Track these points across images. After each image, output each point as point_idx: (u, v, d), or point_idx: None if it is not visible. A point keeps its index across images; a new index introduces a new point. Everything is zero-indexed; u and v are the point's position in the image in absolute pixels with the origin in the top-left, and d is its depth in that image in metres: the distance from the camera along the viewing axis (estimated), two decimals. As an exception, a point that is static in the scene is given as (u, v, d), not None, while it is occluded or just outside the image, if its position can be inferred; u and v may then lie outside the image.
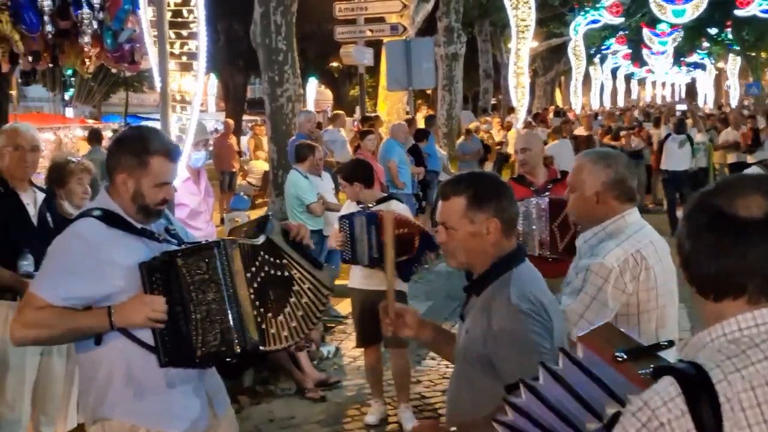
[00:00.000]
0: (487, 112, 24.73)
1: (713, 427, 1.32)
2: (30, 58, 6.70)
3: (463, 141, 15.49)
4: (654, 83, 67.66)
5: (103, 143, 12.28)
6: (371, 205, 5.37)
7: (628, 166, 3.19)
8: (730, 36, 38.33)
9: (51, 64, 7.00)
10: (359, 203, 5.46)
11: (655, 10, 29.27)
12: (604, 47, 41.26)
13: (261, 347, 2.73)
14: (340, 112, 15.59)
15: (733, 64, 44.18)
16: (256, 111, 31.16)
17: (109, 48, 6.72)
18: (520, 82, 18.12)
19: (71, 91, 27.49)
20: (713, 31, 38.99)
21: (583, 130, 16.75)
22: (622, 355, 1.59)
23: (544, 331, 2.29)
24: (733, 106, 36.55)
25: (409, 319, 2.63)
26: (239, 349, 2.67)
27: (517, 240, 2.59)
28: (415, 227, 5.16)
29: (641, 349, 1.64)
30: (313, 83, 35.54)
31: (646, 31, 39.21)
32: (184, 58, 5.50)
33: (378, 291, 5.28)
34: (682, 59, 51.44)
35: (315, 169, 7.51)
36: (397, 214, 5.25)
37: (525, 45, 18.20)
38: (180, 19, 5.43)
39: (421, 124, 14.36)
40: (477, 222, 2.40)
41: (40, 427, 4.52)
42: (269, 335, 2.75)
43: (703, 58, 50.95)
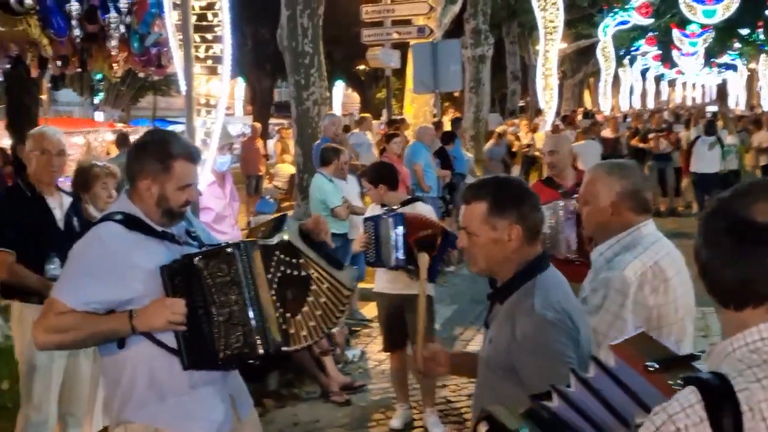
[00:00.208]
0: (515, 115, 24.61)
1: None
2: (59, 63, 6.78)
3: (492, 145, 15.36)
4: (684, 84, 66.88)
5: (132, 147, 12.36)
6: (396, 207, 5.35)
7: (642, 176, 3.11)
8: (762, 36, 37.80)
9: (79, 69, 7.08)
10: (383, 206, 5.45)
11: (685, 11, 28.98)
12: (633, 48, 40.87)
13: (284, 348, 2.72)
14: (367, 115, 15.59)
15: (765, 65, 43.50)
16: (283, 114, 31.29)
17: (136, 52, 6.78)
18: (548, 84, 18.00)
19: (101, 95, 27.83)
20: (744, 31, 38.43)
21: (609, 133, 16.58)
22: (654, 365, 1.56)
23: (569, 341, 2.25)
24: (765, 108, 36.01)
25: (440, 358, 2.68)
26: (262, 351, 2.66)
27: (543, 245, 2.54)
28: (437, 227, 5.14)
29: (675, 360, 1.61)
30: (340, 86, 35.59)
31: (676, 32, 38.74)
32: (209, 62, 5.52)
33: (403, 295, 5.26)
34: (712, 60, 50.76)
35: (340, 172, 7.49)
36: (420, 214, 5.23)
37: (553, 47, 18.09)
38: (205, 23, 5.45)
39: (447, 126, 14.30)
40: (499, 228, 2.36)
41: (67, 429, 4.55)
42: (289, 335, 2.74)
43: (734, 59, 50.28)
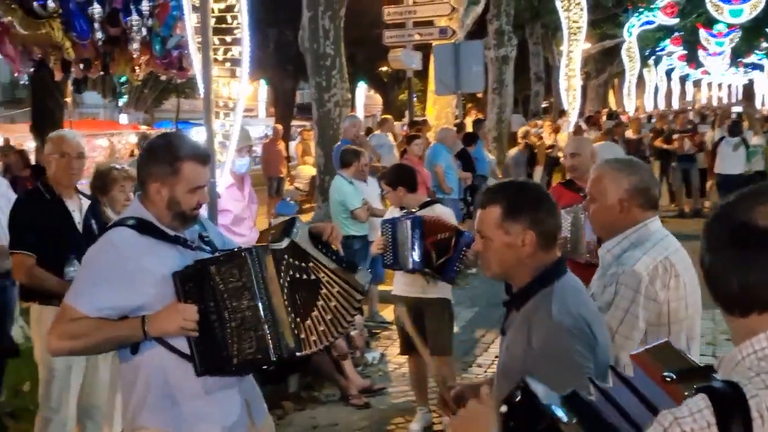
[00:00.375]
0: (538, 116, 24.45)
1: None
2: (81, 66, 6.83)
3: (517, 151, 14.91)
4: (710, 85, 66.17)
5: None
6: (415, 209, 5.32)
7: (651, 174, 3.11)
8: (790, 36, 37.40)
9: (102, 72, 7.13)
10: (402, 208, 5.42)
11: (711, 11, 28.68)
12: (658, 49, 40.51)
13: (297, 353, 2.69)
14: (388, 116, 15.50)
15: (792, 64, 43.09)
16: (306, 116, 31.36)
17: (158, 54, 6.82)
18: (572, 85, 17.83)
19: (125, 97, 28.05)
20: (772, 31, 38.07)
21: (631, 134, 16.38)
22: (672, 375, 1.53)
23: (587, 350, 2.21)
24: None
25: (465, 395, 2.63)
26: (275, 357, 2.64)
27: (562, 251, 2.50)
28: (451, 228, 5.11)
29: (693, 370, 1.56)
30: (362, 88, 35.58)
31: (703, 32, 38.35)
32: (228, 65, 5.51)
33: (421, 298, 5.23)
34: (739, 60, 50.21)
35: (360, 174, 7.47)
36: (438, 217, 5.19)
37: (577, 47, 17.91)
38: (224, 25, 5.45)
39: (470, 128, 14.18)
40: (512, 233, 2.33)
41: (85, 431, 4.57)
42: (301, 340, 2.71)
43: (761, 59, 49.74)
